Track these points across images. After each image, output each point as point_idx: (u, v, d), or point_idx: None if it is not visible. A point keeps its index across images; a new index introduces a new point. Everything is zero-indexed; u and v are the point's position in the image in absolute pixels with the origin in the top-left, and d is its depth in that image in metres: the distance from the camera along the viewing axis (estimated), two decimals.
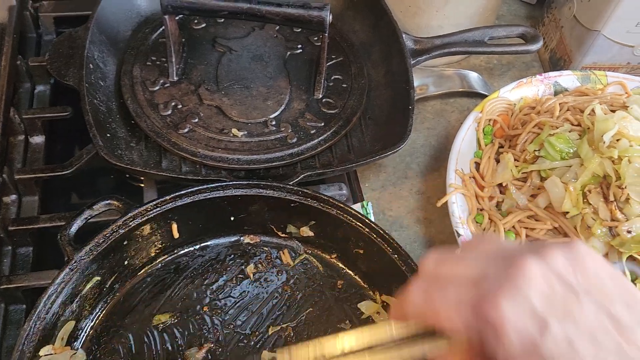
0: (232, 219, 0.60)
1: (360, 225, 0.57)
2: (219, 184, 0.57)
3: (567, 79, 0.79)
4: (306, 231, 0.61)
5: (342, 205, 0.57)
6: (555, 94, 0.79)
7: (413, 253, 0.71)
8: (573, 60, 0.86)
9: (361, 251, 0.59)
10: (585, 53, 0.84)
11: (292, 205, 0.59)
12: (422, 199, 0.76)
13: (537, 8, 1.00)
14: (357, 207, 0.64)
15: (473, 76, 0.89)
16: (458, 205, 0.65)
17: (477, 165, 0.71)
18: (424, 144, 0.82)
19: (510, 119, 0.75)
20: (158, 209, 0.55)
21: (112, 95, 0.70)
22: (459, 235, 0.63)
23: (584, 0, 0.82)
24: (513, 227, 0.64)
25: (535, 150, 0.66)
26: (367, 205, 0.65)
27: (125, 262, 0.57)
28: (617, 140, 0.62)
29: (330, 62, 0.77)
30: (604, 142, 0.62)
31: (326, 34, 0.68)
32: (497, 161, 0.71)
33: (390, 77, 0.76)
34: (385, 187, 0.77)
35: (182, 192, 0.56)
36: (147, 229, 0.56)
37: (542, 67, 0.94)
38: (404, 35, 0.76)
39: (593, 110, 0.68)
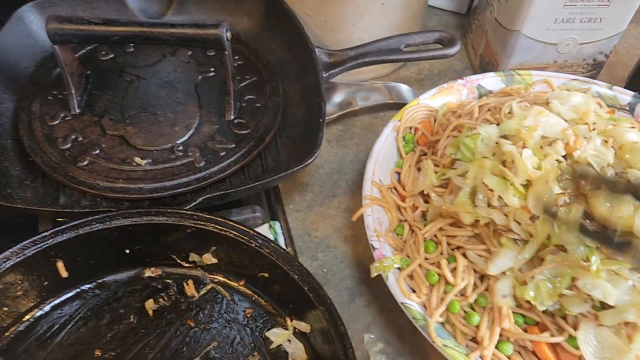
0: (127, 251, 0.56)
1: (260, 246, 0.53)
2: (105, 214, 0.53)
3: (491, 81, 0.76)
4: (209, 258, 0.57)
5: (239, 226, 0.53)
6: (480, 97, 0.76)
7: (340, 273, 0.67)
8: (500, 63, 0.84)
9: (266, 275, 0.54)
10: (510, 54, 0.81)
11: (188, 231, 0.54)
12: (350, 216, 0.72)
13: (467, 17, 0.99)
14: (264, 228, 0.59)
15: (403, 88, 0.87)
16: (374, 218, 0.61)
17: (399, 175, 0.68)
18: (353, 159, 0.79)
19: (434, 125, 0.72)
20: (36, 247, 0.51)
21: (6, 134, 0.67)
22: (374, 248, 0.58)
23: (502, 2, 0.80)
24: (435, 235, 0.60)
25: (452, 154, 0.63)
26: (274, 225, 0.60)
27: (5, 309, 0.52)
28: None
29: (245, 83, 0.75)
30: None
31: (226, 52, 0.65)
32: (420, 170, 0.67)
33: (305, 93, 0.73)
34: (312, 207, 0.73)
35: (63, 226, 0.52)
36: (25, 270, 0.51)
37: (474, 73, 0.92)
38: (317, 50, 0.73)
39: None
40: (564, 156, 0.59)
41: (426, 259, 0.58)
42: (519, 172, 0.54)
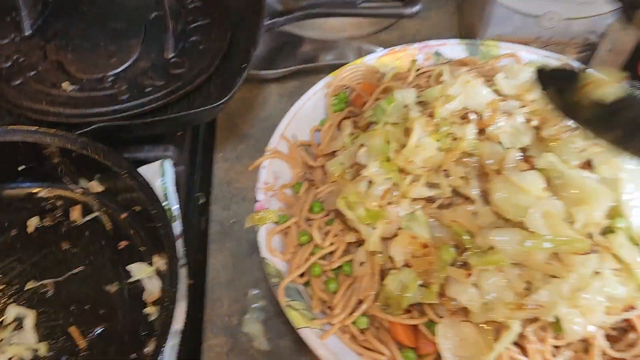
0: (20, 168, 0.57)
1: (130, 178, 0.52)
2: None
3: (452, 49, 0.71)
4: (95, 186, 0.57)
5: (115, 157, 0.53)
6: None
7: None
8: (477, 34, 0.77)
9: (138, 209, 0.54)
10: (486, 24, 0.75)
11: (73, 154, 0.55)
12: None
13: None
14: (155, 165, 0.59)
15: (377, 50, 0.82)
16: (270, 172, 0.59)
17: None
18: None
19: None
20: None
21: None
22: (256, 200, 0.57)
23: None
24: None
25: (369, 117, 0.59)
26: (164, 162, 0.60)
27: None
28: None
29: (195, 24, 0.73)
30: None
31: None
32: None
33: (250, 41, 0.71)
34: (241, 159, 0.72)
35: None
36: None
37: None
38: None
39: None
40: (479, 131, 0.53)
41: (309, 219, 0.55)
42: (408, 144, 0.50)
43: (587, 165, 0.50)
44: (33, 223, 0.57)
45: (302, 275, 0.52)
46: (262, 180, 0.58)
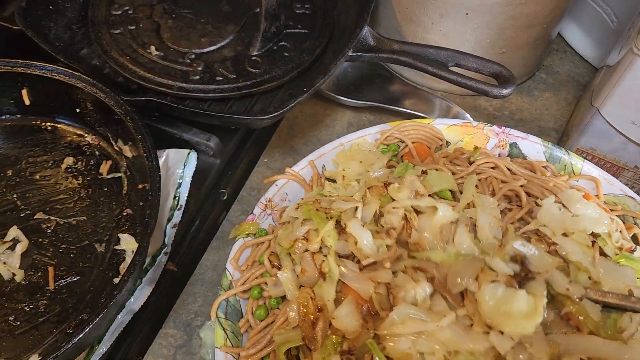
0: (77, 110, 0.63)
1: (146, 159, 0.55)
2: (60, 68, 0.60)
3: (531, 146, 0.64)
4: (127, 150, 0.61)
5: (143, 131, 0.56)
6: (510, 157, 0.65)
7: None
8: (570, 137, 0.69)
9: (147, 186, 0.57)
10: (582, 132, 0.67)
11: (116, 117, 0.59)
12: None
13: None
14: (183, 152, 0.61)
15: (465, 117, 0.77)
16: (280, 192, 0.59)
17: None
18: None
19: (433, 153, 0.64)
20: (7, 65, 0.60)
21: None
22: (251, 213, 0.57)
23: (605, 69, 0.65)
24: None
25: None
26: (190, 153, 0.61)
27: None
28: None
29: (292, 30, 0.74)
30: None
31: None
32: None
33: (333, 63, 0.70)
34: (282, 171, 0.72)
35: (33, 62, 0.60)
36: None
37: (560, 138, 0.77)
38: (367, 29, 0.69)
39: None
40: None
41: None
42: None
43: None
44: (68, 162, 0.62)
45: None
46: (267, 196, 0.58)
